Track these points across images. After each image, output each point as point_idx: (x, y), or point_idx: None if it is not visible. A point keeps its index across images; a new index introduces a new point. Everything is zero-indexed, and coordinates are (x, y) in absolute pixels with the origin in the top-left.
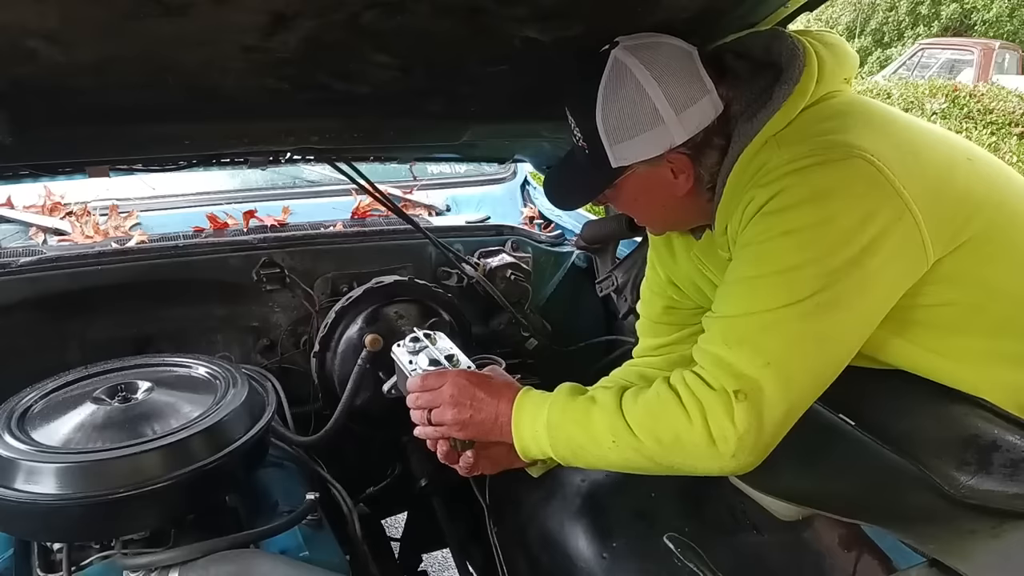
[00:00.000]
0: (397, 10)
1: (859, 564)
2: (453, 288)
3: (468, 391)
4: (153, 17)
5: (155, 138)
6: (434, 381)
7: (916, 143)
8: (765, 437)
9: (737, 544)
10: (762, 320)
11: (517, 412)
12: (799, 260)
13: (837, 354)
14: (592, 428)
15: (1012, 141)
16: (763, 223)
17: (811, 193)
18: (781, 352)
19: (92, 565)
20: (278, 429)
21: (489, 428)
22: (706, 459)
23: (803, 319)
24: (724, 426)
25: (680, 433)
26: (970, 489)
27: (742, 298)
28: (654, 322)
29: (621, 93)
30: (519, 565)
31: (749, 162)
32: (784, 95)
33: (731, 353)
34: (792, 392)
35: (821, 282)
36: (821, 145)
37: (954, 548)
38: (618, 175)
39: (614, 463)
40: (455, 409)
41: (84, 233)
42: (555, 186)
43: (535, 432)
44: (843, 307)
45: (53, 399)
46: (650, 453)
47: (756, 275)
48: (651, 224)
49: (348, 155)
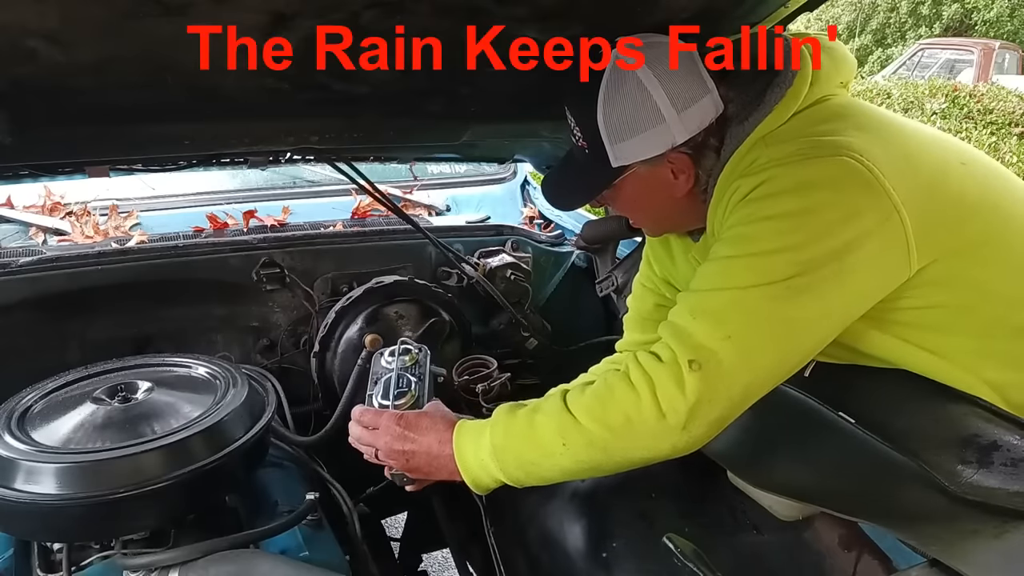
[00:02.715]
0: (397, 10)
1: (859, 564)
2: (453, 288)
3: (400, 438)
4: (153, 17)
5: (155, 138)
6: (371, 420)
7: (909, 146)
8: (718, 409)
9: (737, 544)
10: (731, 296)
11: (458, 445)
12: (777, 245)
13: (802, 342)
14: (539, 437)
15: (1012, 141)
16: (746, 209)
17: (796, 184)
18: (744, 327)
19: (92, 565)
20: (278, 429)
21: (433, 468)
22: (658, 436)
23: (772, 300)
24: (673, 395)
25: (629, 412)
26: (971, 486)
27: (715, 276)
28: (643, 318)
29: (622, 91)
30: (518, 565)
31: (739, 162)
32: (776, 98)
33: (693, 324)
34: (751, 369)
35: (796, 268)
36: (811, 144)
37: (956, 548)
38: (618, 175)
39: (568, 469)
40: (393, 456)
41: (84, 233)
42: (554, 186)
43: (480, 460)
44: (815, 296)
45: (53, 399)
46: (602, 443)
47: (732, 255)
48: (648, 225)
49: (348, 155)
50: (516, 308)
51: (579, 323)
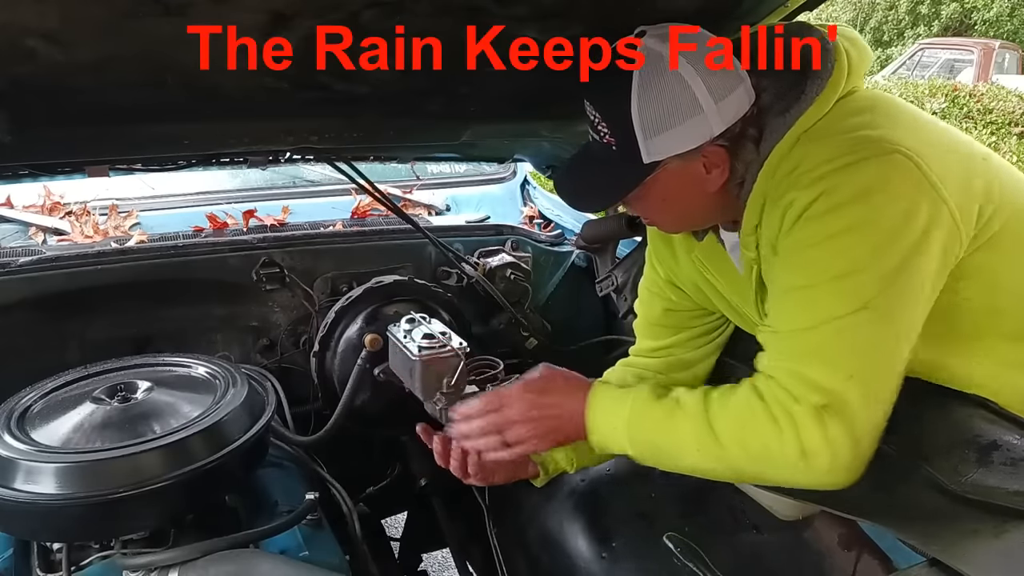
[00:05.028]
0: (397, 10)
1: (859, 564)
2: (453, 288)
3: (535, 402)
4: (153, 17)
5: (155, 138)
6: (492, 402)
7: (942, 140)
8: (861, 450)
9: (737, 544)
10: (831, 330)
11: (592, 407)
12: (851, 265)
13: (905, 353)
14: (675, 433)
15: (1012, 141)
16: (808, 228)
17: (854, 192)
18: (859, 362)
19: (92, 565)
20: (278, 429)
21: (559, 426)
22: (796, 472)
23: (872, 324)
24: (816, 441)
25: (769, 444)
26: (972, 485)
27: (803, 310)
28: (652, 324)
29: (659, 82)
30: (518, 565)
31: (782, 159)
32: (817, 89)
33: (809, 368)
34: (879, 401)
35: (878, 285)
36: (857, 142)
37: (956, 548)
38: (649, 172)
39: (693, 468)
40: (529, 425)
41: (84, 233)
42: (575, 187)
43: (612, 427)
44: (904, 305)
45: (53, 399)
46: (736, 462)
47: (811, 284)
48: (669, 224)
49: (348, 155)
50: (516, 308)
51: (579, 323)
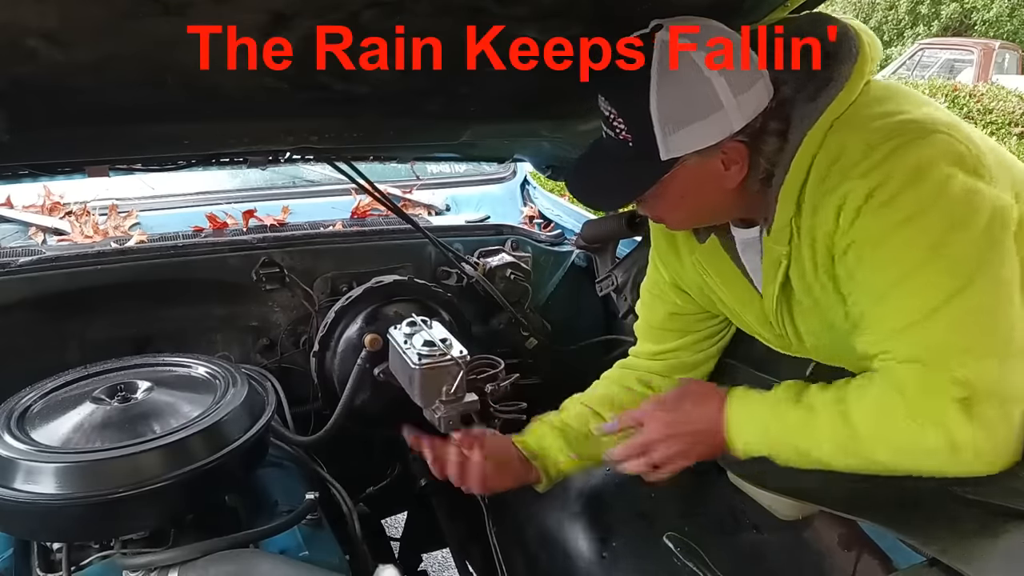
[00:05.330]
0: (397, 10)
1: (859, 564)
2: (453, 288)
3: (673, 423)
4: (153, 17)
5: (154, 138)
6: (628, 420)
7: (962, 124)
8: (1011, 433)
9: (737, 544)
10: (948, 314)
11: (732, 421)
12: (940, 239)
13: (1019, 303)
14: (816, 436)
15: (1012, 141)
16: (877, 217)
17: (910, 174)
18: (986, 336)
19: (92, 565)
20: (278, 429)
21: (710, 444)
22: (948, 465)
23: (983, 292)
24: (965, 434)
25: (916, 440)
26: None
27: (912, 300)
28: (656, 328)
29: (677, 76)
30: (518, 564)
31: (817, 147)
32: (846, 74)
33: (942, 361)
34: (1013, 357)
35: (973, 250)
36: (897, 125)
37: (956, 548)
38: (667, 169)
39: (842, 467)
40: (669, 443)
41: (83, 233)
42: (588, 185)
43: (756, 438)
44: (1005, 258)
45: (52, 399)
46: (883, 461)
47: (907, 273)
48: (680, 221)
49: (347, 155)
50: (516, 308)
51: (579, 322)
